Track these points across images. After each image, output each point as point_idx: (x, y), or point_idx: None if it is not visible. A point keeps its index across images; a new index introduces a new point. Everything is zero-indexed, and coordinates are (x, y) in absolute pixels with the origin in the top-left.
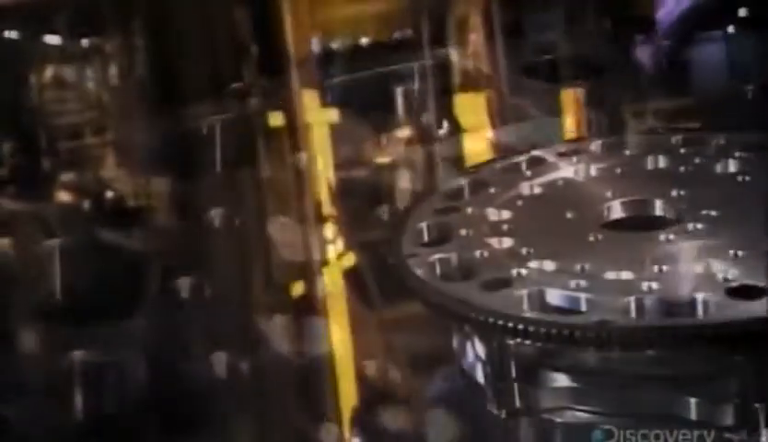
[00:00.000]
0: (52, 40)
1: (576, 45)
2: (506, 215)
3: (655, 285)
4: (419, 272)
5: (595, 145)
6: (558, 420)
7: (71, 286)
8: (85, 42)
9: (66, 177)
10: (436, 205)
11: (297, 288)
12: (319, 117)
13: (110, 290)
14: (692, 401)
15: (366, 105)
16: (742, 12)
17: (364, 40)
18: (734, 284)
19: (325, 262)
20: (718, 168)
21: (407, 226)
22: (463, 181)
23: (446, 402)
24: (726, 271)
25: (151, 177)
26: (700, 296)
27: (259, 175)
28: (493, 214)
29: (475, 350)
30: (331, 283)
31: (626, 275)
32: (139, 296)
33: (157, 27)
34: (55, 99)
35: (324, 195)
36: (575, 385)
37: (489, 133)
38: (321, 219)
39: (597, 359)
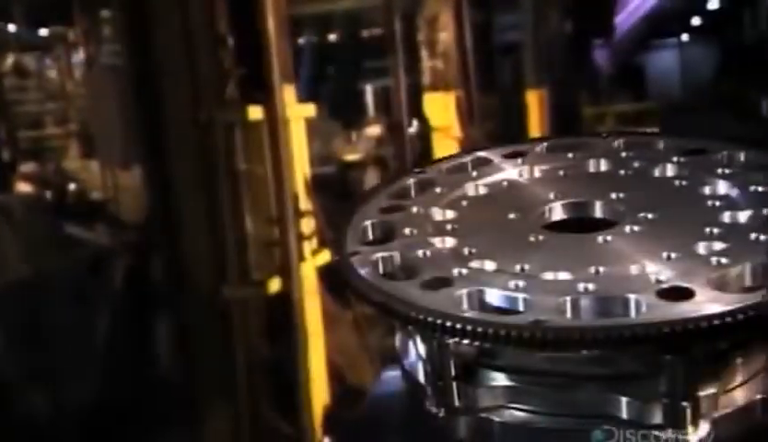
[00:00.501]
0: (11, 28)
1: (540, 47)
2: (450, 214)
3: (591, 286)
4: (361, 270)
5: (540, 147)
6: (496, 419)
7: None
8: (44, 31)
9: (26, 167)
10: (382, 204)
11: (274, 285)
12: (296, 112)
13: (73, 283)
14: (624, 400)
15: (335, 102)
16: (696, 21)
17: (332, 37)
18: (665, 286)
19: (302, 259)
20: (657, 171)
21: (352, 224)
22: (410, 181)
23: (386, 401)
24: (659, 272)
25: (121, 169)
26: (632, 297)
27: (234, 168)
28: (437, 213)
29: (417, 349)
30: (306, 279)
31: (564, 276)
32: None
33: (132, 18)
34: (15, 88)
35: (301, 191)
36: (512, 384)
37: (458, 132)
38: (299, 215)
39: (533, 358)
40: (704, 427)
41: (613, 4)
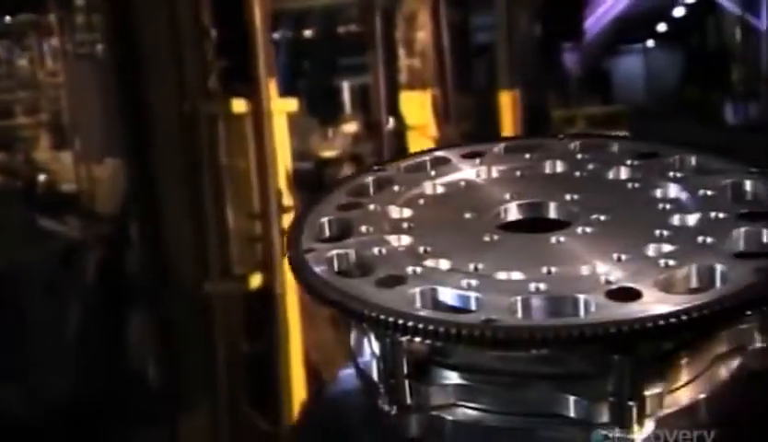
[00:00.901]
0: None
1: (512, 48)
2: (407, 213)
3: (542, 286)
4: (316, 267)
5: (498, 148)
6: (448, 417)
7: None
8: (15, 19)
9: None
10: (339, 201)
11: (255, 280)
12: (278, 106)
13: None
14: (572, 399)
15: (312, 98)
16: (661, 27)
17: (307, 32)
18: (614, 287)
19: (284, 254)
20: (611, 174)
21: (308, 220)
22: (368, 178)
23: (339, 399)
24: (608, 273)
25: (97, 160)
26: (582, 297)
27: (217, 162)
28: (394, 211)
29: (371, 347)
30: (288, 275)
31: (516, 276)
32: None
33: (114, 8)
34: None
35: (284, 186)
36: (464, 382)
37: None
38: (282, 210)
39: (484, 357)
40: (650, 426)
41: (582, 8)
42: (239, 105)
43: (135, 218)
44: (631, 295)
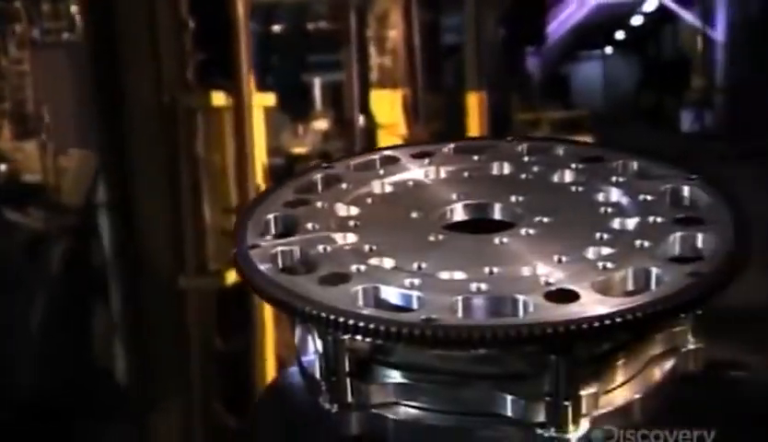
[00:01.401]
0: None
1: (479, 50)
2: (354, 211)
3: (483, 286)
4: (260, 263)
5: (447, 149)
6: (389, 416)
7: None
8: None
9: None
10: (286, 198)
11: (231, 276)
12: (256, 100)
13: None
14: (509, 398)
15: (282, 94)
16: (620, 35)
17: (276, 28)
18: (552, 288)
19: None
20: (556, 177)
21: (254, 216)
22: (317, 176)
23: (285, 397)
24: (548, 275)
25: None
26: (521, 298)
27: (195, 155)
28: (341, 209)
29: (315, 344)
30: None
31: (458, 275)
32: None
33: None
34: None
35: (261, 180)
36: (405, 381)
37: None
38: None
39: (424, 356)
40: (585, 426)
41: (545, 13)
42: (219, 98)
43: (109, 210)
44: (568, 296)
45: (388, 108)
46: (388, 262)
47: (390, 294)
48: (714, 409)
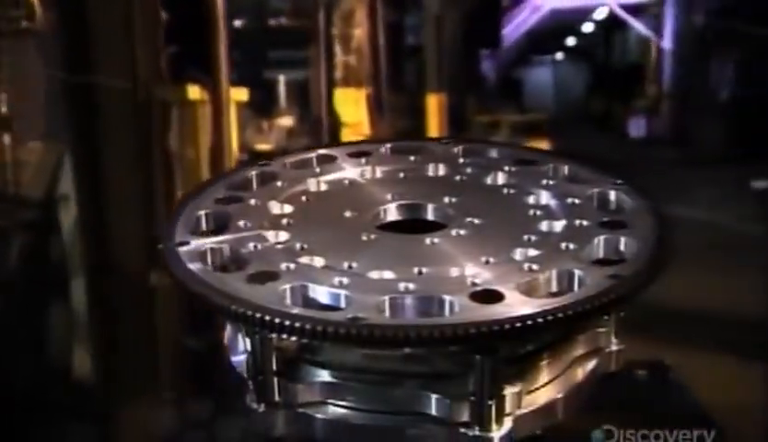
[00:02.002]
0: None
1: (439, 52)
2: (287, 209)
3: (411, 286)
4: (188, 260)
5: (384, 149)
6: (316, 414)
7: None
8: None
9: None
10: (219, 195)
11: None
12: (230, 95)
13: None
14: (434, 397)
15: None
16: (571, 41)
17: (237, 23)
18: (478, 289)
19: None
20: (489, 179)
21: (184, 213)
22: (252, 173)
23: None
24: (475, 275)
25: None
26: (447, 298)
27: (168, 149)
28: (275, 207)
29: (244, 343)
30: None
31: (388, 275)
32: None
33: None
34: None
35: None
36: (332, 380)
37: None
38: None
39: (351, 355)
40: (508, 424)
41: (501, 17)
42: (194, 92)
43: (78, 205)
44: (493, 297)
45: (352, 106)
46: (318, 261)
47: (319, 293)
48: (633, 408)
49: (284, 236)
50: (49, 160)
